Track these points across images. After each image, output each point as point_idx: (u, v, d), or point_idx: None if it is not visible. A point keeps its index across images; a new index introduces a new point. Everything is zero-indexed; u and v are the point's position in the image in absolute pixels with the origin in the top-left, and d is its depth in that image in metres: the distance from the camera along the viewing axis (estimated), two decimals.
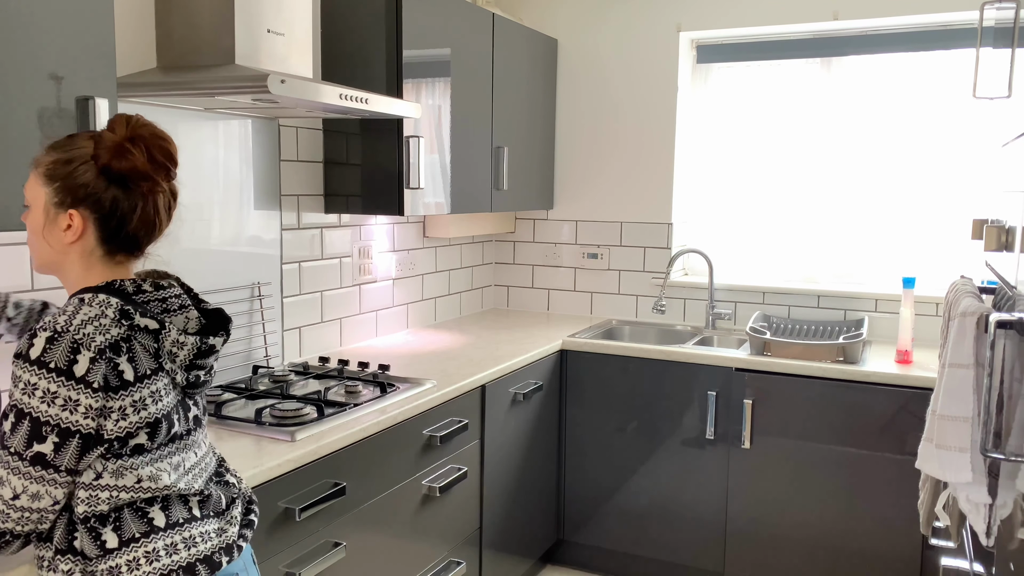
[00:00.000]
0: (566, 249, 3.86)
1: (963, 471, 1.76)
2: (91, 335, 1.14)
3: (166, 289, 1.26)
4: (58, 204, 1.21)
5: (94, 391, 1.13)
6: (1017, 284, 1.52)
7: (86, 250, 1.24)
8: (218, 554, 1.27)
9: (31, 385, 1.11)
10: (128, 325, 1.18)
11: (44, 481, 1.13)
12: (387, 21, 2.65)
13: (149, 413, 1.19)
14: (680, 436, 3.08)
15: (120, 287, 1.22)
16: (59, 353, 1.12)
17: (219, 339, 1.30)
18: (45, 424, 1.11)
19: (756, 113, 3.55)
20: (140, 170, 1.21)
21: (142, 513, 1.20)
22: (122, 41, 2.11)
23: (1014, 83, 1.85)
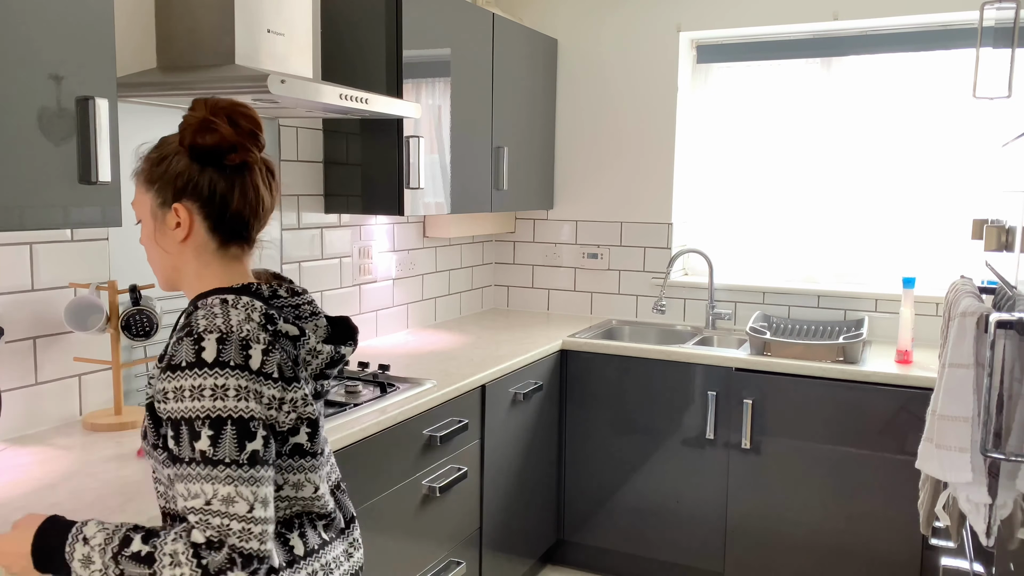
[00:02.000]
0: (566, 249, 3.86)
1: (963, 471, 1.76)
2: (249, 331, 1.10)
3: (300, 295, 1.23)
4: (162, 204, 1.18)
5: (274, 381, 1.10)
6: (1017, 284, 1.52)
7: (199, 246, 1.19)
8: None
9: (220, 388, 1.05)
10: (273, 331, 1.13)
11: (265, 483, 1.06)
12: (387, 21, 2.65)
13: (307, 411, 1.16)
14: (680, 436, 3.08)
15: (257, 291, 1.18)
16: (234, 351, 1.07)
17: (349, 348, 1.25)
18: (251, 421, 1.06)
19: (756, 113, 3.55)
20: (228, 139, 1.15)
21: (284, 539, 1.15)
22: (122, 41, 2.11)
23: (1014, 83, 1.85)
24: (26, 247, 1.92)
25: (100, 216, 1.66)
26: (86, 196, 1.63)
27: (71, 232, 2.02)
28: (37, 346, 1.97)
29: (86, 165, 1.61)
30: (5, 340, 1.90)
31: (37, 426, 1.98)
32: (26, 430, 1.96)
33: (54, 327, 2.00)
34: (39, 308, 1.96)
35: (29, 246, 1.93)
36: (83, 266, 2.06)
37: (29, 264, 1.93)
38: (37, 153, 1.53)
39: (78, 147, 1.60)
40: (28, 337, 1.95)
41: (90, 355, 2.08)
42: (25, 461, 1.75)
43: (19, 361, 1.93)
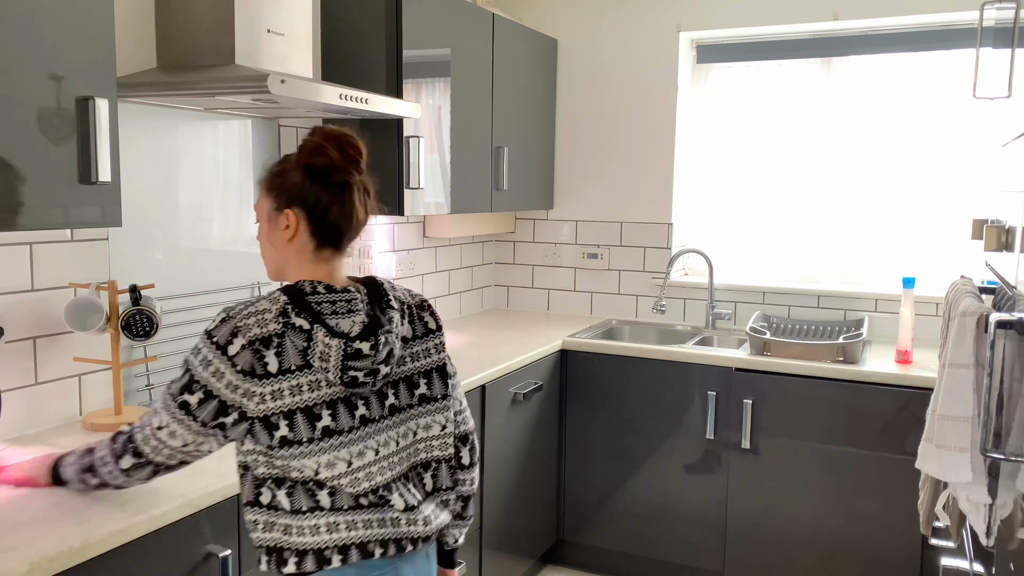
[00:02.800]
0: (566, 249, 3.86)
1: (963, 471, 1.76)
2: (249, 326, 1.32)
3: (339, 293, 1.40)
4: (276, 208, 1.42)
5: (238, 371, 1.31)
6: (1017, 284, 1.52)
7: (301, 246, 1.41)
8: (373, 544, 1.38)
9: (197, 350, 1.33)
10: (284, 323, 1.33)
11: (182, 424, 1.34)
12: (387, 21, 2.65)
13: (285, 403, 1.32)
14: (680, 436, 3.08)
15: (299, 286, 1.38)
16: (222, 333, 1.32)
17: (365, 343, 1.36)
18: (195, 381, 1.32)
19: (756, 113, 3.55)
20: (335, 163, 1.38)
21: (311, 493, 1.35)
22: (122, 41, 2.11)
23: (1014, 83, 1.85)
24: (26, 247, 1.92)
25: (100, 216, 1.66)
26: (86, 196, 1.63)
27: (71, 232, 2.02)
28: (37, 346, 1.97)
29: (86, 165, 1.61)
30: (5, 340, 1.90)
31: (37, 426, 1.98)
32: (26, 430, 1.96)
33: (54, 327, 2.00)
34: (39, 308, 1.96)
35: (29, 246, 1.93)
36: (83, 266, 2.06)
37: (29, 264, 1.93)
38: (37, 153, 1.53)
39: (78, 147, 1.60)
40: (28, 337, 1.95)
41: (90, 355, 2.08)
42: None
43: (19, 361, 1.93)
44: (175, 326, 2.31)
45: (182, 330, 2.33)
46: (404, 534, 1.41)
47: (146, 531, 1.48)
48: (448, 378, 1.54)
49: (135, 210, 2.18)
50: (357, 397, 1.39)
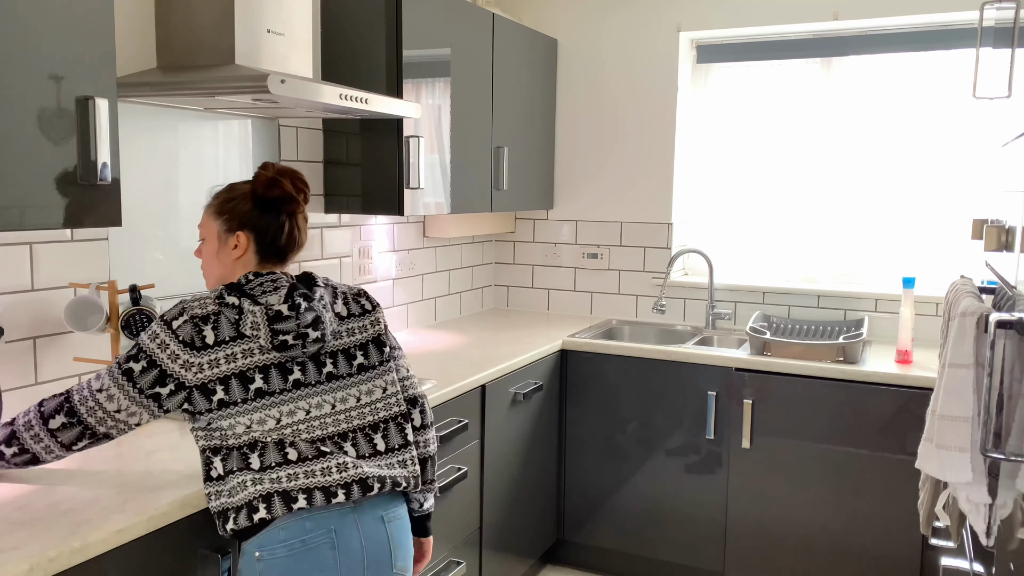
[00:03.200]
0: (566, 249, 3.86)
1: (963, 471, 1.76)
2: (192, 307, 1.52)
3: (264, 276, 1.59)
4: (227, 230, 1.61)
5: (180, 342, 1.49)
6: (1017, 284, 1.52)
7: (246, 262, 1.62)
8: (295, 492, 1.48)
9: (150, 329, 1.52)
10: (220, 303, 1.53)
11: (122, 389, 1.50)
12: (387, 21, 2.65)
13: (221, 370, 1.50)
14: (680, 436, 3.08)
15: (238, 280, 1.58)
16: (172, 312, 1.52)
17: (284, 306, 1.54)
18: (142, 351, 1.50)
19: (756, 113, 3.55)
20: (287, 195, 1.60)
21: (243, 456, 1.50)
22: (122, 41, 2.11)
23: (1014, 83, 1.85)
24: (26, 247, 1.92)
25: (100, 216, 1.66)
26: (86, 196, 1.63)
27: (71, 232, 2.02)
28: (37, 346, 1.97)
29: (86, 165, 1.61)
30: (5, 340, 1.90)
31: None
32: None
33: (54, 327, 2.00)
34: (39, 308, 1.96)
35: (29, 246, 1.93)
36: (83, 266, 2.06)
37: (29, 264, 1.93)
38: (37, 153, 1.53)
39: (78, 147, 1.60)
40: (28, 337, 1.95)
41: (90, 355, 2.08)
42: None
43: (19, 361, 1.93)
44: None
45: None
46: (332, 481, 1.51)
47: (146, 531, 1.48)
48: (384, 347, 1.70)
49: (135, 210, 2.18)
50: (292, 362, 1.56)
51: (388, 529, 1.57)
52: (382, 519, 1.57)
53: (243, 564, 1.50)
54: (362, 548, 1.52)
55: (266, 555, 1.46)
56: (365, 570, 1.53)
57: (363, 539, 1.53)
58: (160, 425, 2.03)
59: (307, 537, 1.47)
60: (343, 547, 1.49)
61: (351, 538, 1.51)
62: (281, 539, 1.46)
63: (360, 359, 1.64)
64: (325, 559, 1.48)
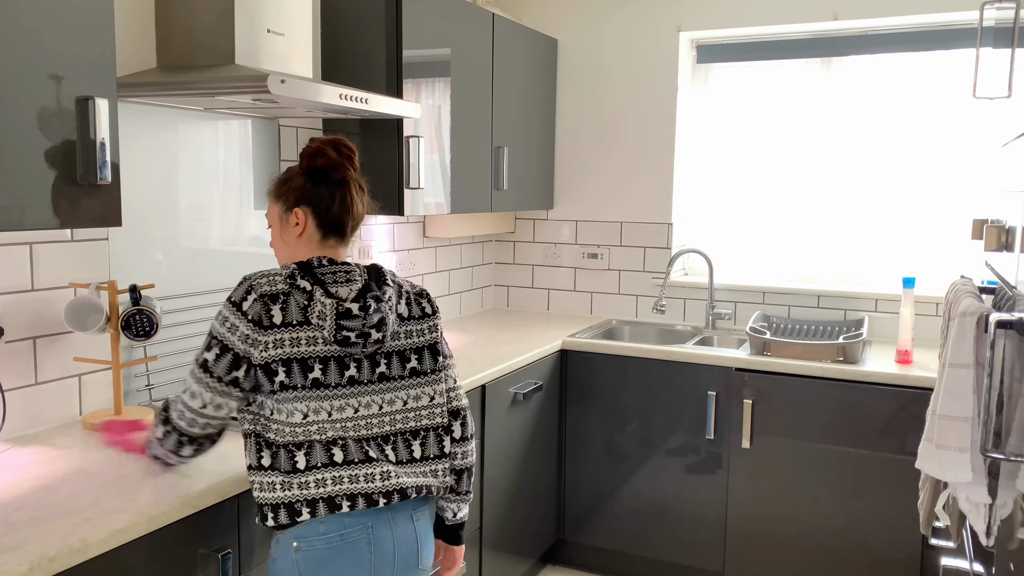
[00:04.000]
0: (566, 249, 3.86)
1: (963, 471, 1.76)
2: (261, 284, 1.53)
3: (339, 265, 1.61)
4: (286, 210, 1.64)
5: (248, 321, 1.50)
6: (1017, 284, 1.52)
7: (309, 237, 1.63)
8: (340, 498, 1.51)
9: (220, 312, 1.54)
10: (291, 284, 1.54)
11: (201, 383, 1.52)
12: (387, 21, 2.65)
13: (285, 352, 1.51)
14: (680, 436, 3.08)
15: (308, 261, 1.59)
16: (238, 292, 1.53)
17: (355, 304, 1.56)
18: (215, 338, 1.52)
19: (756, 113, 3.55)
20: (332, 162, 1.61)
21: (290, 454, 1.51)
22: (122, 41, 2.11)
23: (1014, 83, 1.85)
24: (26, 247, 1.92)
25: (100, 216, 1.66)
26: (86, 196, 1.63)
27: (71, 232, 2.02)
28: (37, 346, 1.97)
29: (86, 165, 1.61)
30: (5, 340, 1.90)
31: (37, 426, 1.98)
32: (26, 430, 1.96)
33: (54, 327, 2.00)
34: (39, 308, 1.96)
35: (29, 246, 1.93)
36: (83, 266, 2.06)
37: (29, 264, 1.93)
38: (37, 153, 1.53)
39: (78, 147, 1.60)
40: (28, 337, 1.95)
41: (90, 355, 2.08)
42: (25, 461, 1.75)
43: (19, 361, 1.93)
44: (175, 326, 2.31)
45: (182, 330, 2.33)
46: (375, 489, 1.54)
47: (146, 531, 1.48)
48: (439, 356, 1.70)
49: (135, 210, 2.18)
50: (349, 358, 1.57)
51: (416, 527, 1.62)
52: (411, 517, 1.62)
53: (277, 551, 1.53)
54: (394, 545, 1.57)
55: (304, 546, 1.50)
56: (395, 567, 1.58)
57: (395, 537, 1.57)
58: None
59: (345, 532, 1.52)
60: (377, 544, 1.55)
61: (385, 536, 1.56)
62: (321, 532, 1.51)
63: (414, 363, 1.66)
64: (361, 554, 1.53)
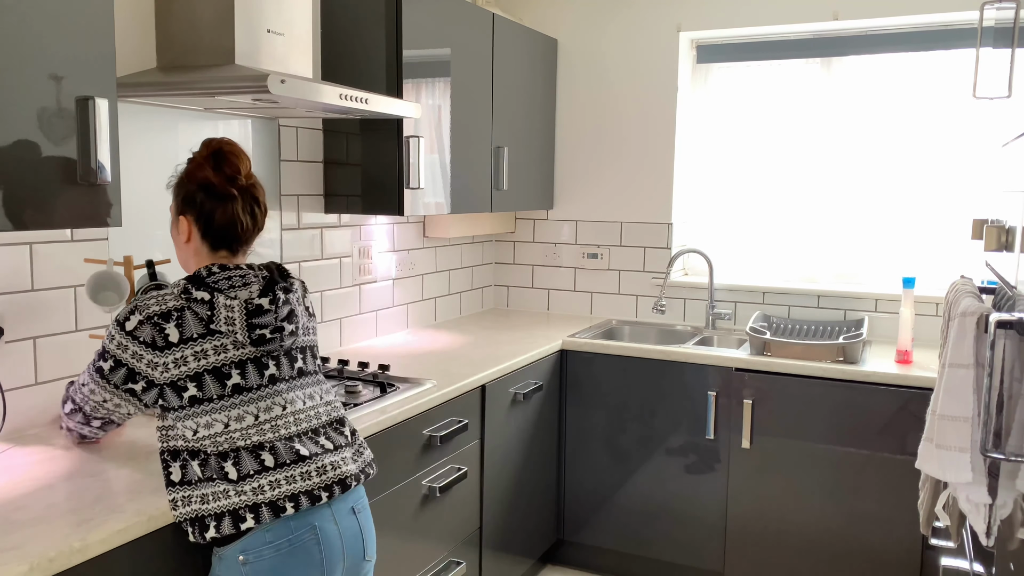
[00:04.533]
0: (566, 249, 3.86)
1: (963, 471, 1.76)
2: (148, 306, 1.50)
3: (231, 270, 1.55)
4: (177, 213, 1.60)
5: (140, 343, 1.49)
6: (1017, 284, 1.52)
7: (197, 248, 1.59)
8: (282, 501, 1.48)
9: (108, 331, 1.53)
10: (186, 298, 1.50)
11: (99, 384, 1.55)
12: (387, 21, 2.64)
13: (190, 368, 1.49)
14: (680, 436, 3.08)
15: (198, 272, 1.54)
16: (123, 313, 1.51)
17: (264, 299, 1.53)
18: (107, 351, 1.52)
19: (756, 113, 3.55)
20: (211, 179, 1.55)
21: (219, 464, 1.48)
22: (122, 41, 2.11)
23: (1014, 83, 1.85)
24: (26, 247, 1.92)
25: (100, 216, 1.66)
26: (86, 196, 1.62)
27: (71, 232, 2.02)
28: (37, 346, 1.97)
29: (86, 165, 1.61)
30: (5, 340, 1.90)
31: (37, 426, 1.98)
32: (26, 430, 1.96)
33: (54, 327, 2.00)
34: (39, 308, 1.96)
35: (29, 246, 1.93)
36: (83, 266, 2.05)
37: (29, 264, 1.93)
38: (37, 153, 1.53)
39: (78, 147, 1.60)
40: (28, 337, 1.95)
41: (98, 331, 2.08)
42: (25, 461, 1.75)
43: (19, 361, 1.93)
44: None
45: None
46: (314, 485, 1.52)
47: (146, 531, 1.48)
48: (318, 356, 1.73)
49: (135, 210, 2.18)
50: (267, 356, 1.56)
51: (359, 520, 1.61)
52: (353, 510, 1.60)
53: (222, 567, 1.48)
54: (341, 540, 1.56)
55: (252, 557, 1.46)
56: (344, 561, 1.57)
57: (341, 532, 1.56)
58: None
59: (293, 536, 1.49)
60: (326, 542, 1.53)
61: (332, 533, 1.54)
62: (267, 540, 1.47)
63: (319, 359, 1.68)
64: (312, 555, 1.51)
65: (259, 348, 1.54)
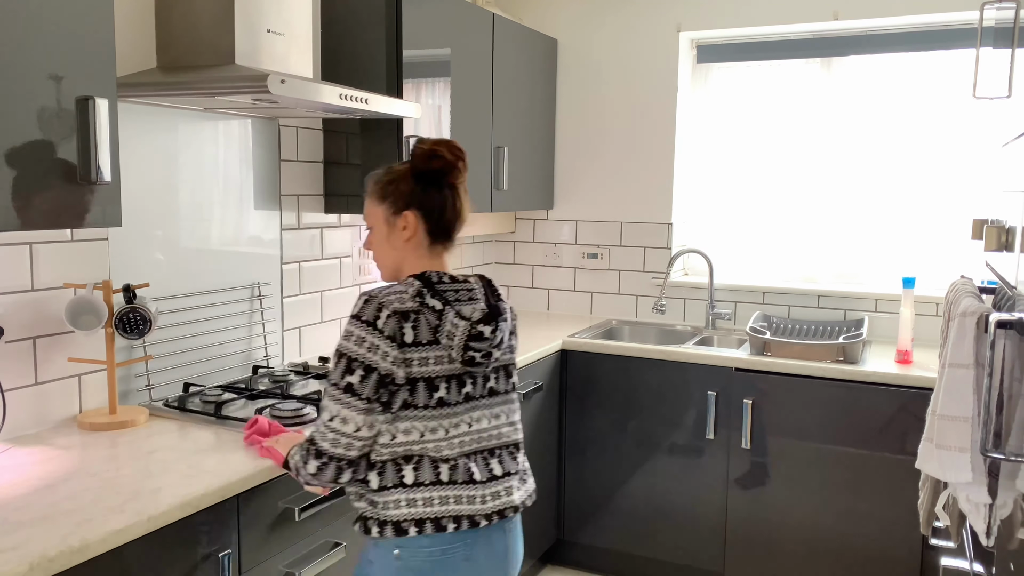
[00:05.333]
0: (566, 249, 3.86)
1: (963, 471, 1.76)
2: (391, 302, 1.49)
3: (461, 283, 1.59)
4: (393, 213, 1.60)
5: (386, 338, 1.47)
6: (1017, 284, 1.52)
7: (418, 243, 1.61)
8: (446, 519, 1.51)
9: (348, 333, 1.49)
10: (420, 303, 1.51)
11: (349, 407, 1.48)
12: (387, 21, 2.65)
13: (413, 371, 1.50)
14: (680, 436, 3.08)
15: (427, 275, 1.56)
16: (368, 310, 1.49)
17: (487, 327, 1.54)
18: (354, 360, 1.48)
19: (756, 113, 3.55)
20: (449, 164, 1.58)
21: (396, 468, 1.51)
22: (122, 41, 2.11)
23: (1014, 83, 1.85)
24: (26, 247, 1.92)
25: (100, 216, 1.66)
26: (86, 196, 1.63)
27: (71, 232, 2.02)
28: (37, 346, 1.97)
29: (86, 165, 1.61)
30: (5, 340, 1.90)
31: (37, 426, 1.98)
32: (26, 430, 1.96)
33: (54, 327, 2.00)
34: (39, 308, 1.96)
35: (29, 246, 1.93)
36: (83, 266, 2.06)
37: (29, 264, 1.93)
38: (37, 153, 1.53)
39: (78, 147, 1.60)
40: (28, 337, 1.95)
41: (92, 355, 2.08)
42: (25, 461, 1.75)
43: (19, 361, 1.93)
44: (175, 326, 2.31)
45: (182, 330, 2.33)
46: (478, 512, 1.54)
47: (146, 531, 1.48)
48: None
49: (135, 210, 2.18)
50: (468, 376, 1.57)
51: (508, 541, 1.62)
52: (505, 530, 1.61)
53: (376, 553, 1.55)
54: (487, 560, 1.58)
55: (406, 556, 1.52)
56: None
57: (491, 552, 1.58)
58: (160, 425, 2.03)
59: (447, 548, 1.53)
60: (474, 559, 1.56)
61: (481, 552, 1.56)
62: (423, 546, 1.52)
63: (514, 378, 1.67)
64: (457, 569, 1.54)
65: (466, 367, 1.55)
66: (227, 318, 2.48)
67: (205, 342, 2.41)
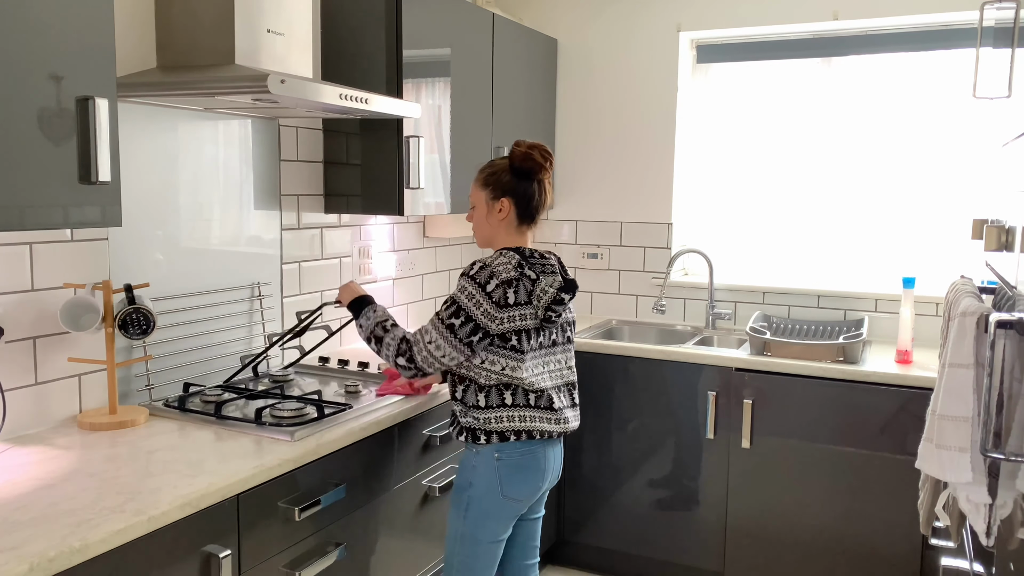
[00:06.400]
0: (566, 249, 3.86)
1: (963, 471, 1.76)
2: (500, 272, 1.97)
3: (547, 258, 2.08)
4: (493, 198, 2.08)
5: (492, 302, 1.96)
6: (1017, 284, 1.52)
7: (509, 223, 2.09)
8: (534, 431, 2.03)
9: (463, 287, 1.98)
10: (520, 272, 1.99)
11: (446, 339, 1.98)
12: (387, 21, 2.65)
13: (515, 325, 1.98)
14: (680, 436, 3.08)
15: (523, 250, 2.05)
16: (483, 275, 1.97)
17: (567, 295, 2.02)
18: (460, 308, 1.97)
19: (756, 113, 3.55)
20: (539, 166, 2.05)
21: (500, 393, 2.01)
22: (122, 41, 2.11)
23: (1014, 83, 1.85)
24: (26, 247, 1.92)
25: (100, 216, 1.66)
26: (86, 196, 1.63)
27: (71, 232, 2.02)
28: (37, 346, 1.97)
29: (86, 165, 1.61)
30: (5, 340, 1.90)
31: (37, 426, 1.98)
32: (26, 430, 1.96)
33: (54, 327, 2.00)
34: (39, 308, 1.96)
35: (29, 246, 1.93)
36: (83, 266, 2.06)
37: (29, 264, 1.93)
38: (37, 153, 1.53)
39: (78, 147, 1.60)
40: (28, 337, 1.95)
41: (88, 356, 2.08)
42: (25, 461, 1.75)
43: (19, 361, 1.93)
44: (175, 326, 2.31)
45: (182, 330, 2.33)
46: (553, 430, 2.06)
47: (146, 531, 1.49)
48: None
49: (135, 210, 2.18)
50: (544, 328, 2.05)
51: (560, 450, 2.16)
52: (561, 443, 2.16)
53: (478, 459, 2.02)
54: (553, 460, 2.11)
55: (504, 457, 2.01)
56: (550, 474, 2.12)
57: (554, 455, 2.11)
58: (160, 425, 2.03)
59: (530, 449, 2.04)
60: (546, 459, 2.09)
61: (550, 454, 2.10)
62: (517, 448, 2.03)
63: (570, 332, 2.16)
64: (538, 465, 2.07)
65: (542, 323, 2.02)
66: (227, 318, 2.49)
67: (205, 342, 2.41)
